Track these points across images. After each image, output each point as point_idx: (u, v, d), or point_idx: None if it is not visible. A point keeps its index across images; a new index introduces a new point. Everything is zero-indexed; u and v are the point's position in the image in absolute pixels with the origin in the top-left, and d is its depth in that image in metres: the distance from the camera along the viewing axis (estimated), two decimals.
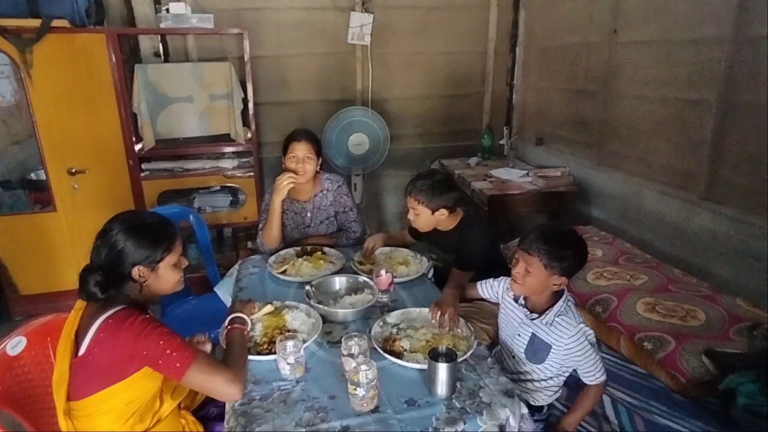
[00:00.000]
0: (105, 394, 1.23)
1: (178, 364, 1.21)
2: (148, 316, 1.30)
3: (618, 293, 2.19)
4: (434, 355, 1.36)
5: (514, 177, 3.50)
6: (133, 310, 1.26)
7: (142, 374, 1.24)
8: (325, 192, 2.38)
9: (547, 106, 3.87)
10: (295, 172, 2.18)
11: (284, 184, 2.14)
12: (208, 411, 1.55)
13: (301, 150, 2.21)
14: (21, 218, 3.10)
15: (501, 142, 4.17)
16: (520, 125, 4.21)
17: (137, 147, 3.19)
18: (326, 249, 2.22)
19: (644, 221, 2.88)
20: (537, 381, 1.67)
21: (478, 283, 1.84)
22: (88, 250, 1.33)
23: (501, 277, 1.79)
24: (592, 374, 1.55)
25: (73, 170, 3.08)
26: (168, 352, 1.21)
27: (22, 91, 2.91)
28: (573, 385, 1.71)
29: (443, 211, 2.02)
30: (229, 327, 1.48)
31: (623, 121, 3.04)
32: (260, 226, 2.32)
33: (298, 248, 2.24)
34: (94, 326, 1.22)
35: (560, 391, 1.71)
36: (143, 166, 3.27)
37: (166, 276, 1.38)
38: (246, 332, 1.50)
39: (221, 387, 1.26)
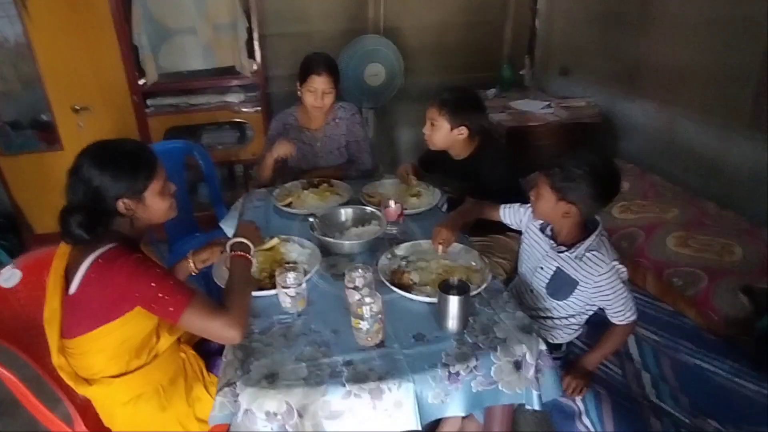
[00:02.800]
0: (98, 333, 1.16)
1: (171, 308, 1.13)
2: (140, 255, 1.20)
3: (646, 227, 2.04)
4: (445, 288, 1.26)
5: (535, 108, 3.28)
6: (124, 249, 1.16)
7: (135, 313, 1.16)
8: (337, 121, 2.24)
9: (574, 33, 3.57)
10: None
11: (281, 153, 2.02)
12: (209, 344, 1.49)
13: (321, 83, 2.06)
14: (30, 158, 3.06)
15: (522, 72, 3.89)
16: (544, 55, 3.91)
17: (140, 82, 3.06)
18: (333, 181, 2.10)
19: (677, 154, 2.67)
20: (557, 318, 1.56)
21: (502, 206, 1.69)
22: None
23: (528, 204, 1.65)
24: (622, 314, 1.43)
25: (78, 108, 3.00)
26: (160, 295, 1.12)
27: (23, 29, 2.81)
28: (594, 322, 1.60)
29: (462, 130, 1.85)
30: (232, 254, 1.36)
31: (659, 46, 2.77)
32: (263, 152, 2.20)
33: (305, 180, 2.13)
34: (84, 265, 1.13)
35: (581, 329, 1.61)
36: (148, 102, 3.14)
37: (153, 205, 1.27)
38: (250, 261, 1.39)
39: (219, 331, 1.16)
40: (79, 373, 1.22)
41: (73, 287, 1.13)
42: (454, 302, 1.21)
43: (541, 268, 1.54)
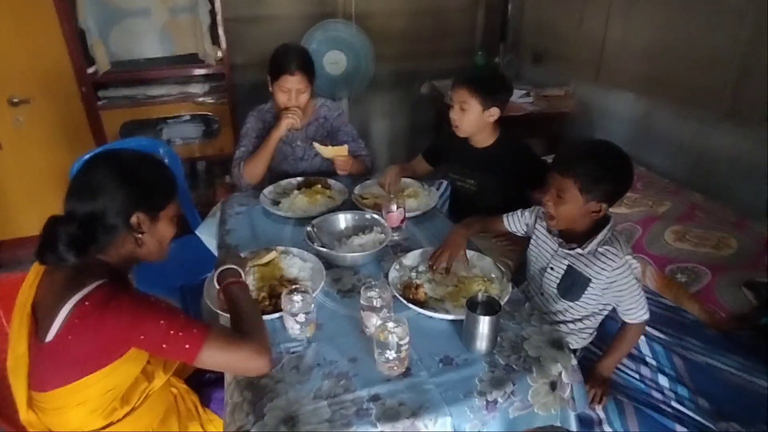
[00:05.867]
0: (80, 384, 0.97)
1: (187, 346, 0.96)
2: (134, 290, 1.04)
3: (642, 222, 2.01)
4: (472, 305, 1.15)
5: (514, 97, 3.18)
6: (113, 286, 0.98)
7: (126, 358, 0.99)
8: (321, 121, 2.08)
9: (546, 17, 3.51)
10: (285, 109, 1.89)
11: (288, 125, 1.87)
12: (202, 376, 1.33)
13: (294, 83, 1.89)
14: None
15: (496, 60, 3.82)
16: (516, 41, 3.86)
17: (90, 71, 2.76)
18: (330, 181, 1.95)
19: (656, 144, 2.67)
20: (570, 322, 1.50)
21: (505, 215, 1.62)
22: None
23: (532, 207, 1.57)
24: (634, 311, 1.38)
25: (15, 100, 2.69)
26: (172, 333, 0.95)
27: None
28: (604, 325, 1.56)
29: (494, 112, 1.74)
30: (224, 284, 1.19)
31: (634, 32, 2.74)
32: (238, 154, 2.00)
33: (300, 179, 1.97)
34: (65, 309, 0.93)
35: (594, 332, 1.56)
36: (99, 93, 2.85)
37: (163, 230, 1.11)
38: (246, 285, 1.23)
39: (246, 363, 1.00)
40: (54, 429, 1.04)
41: (51, 334, 0.94)
42: (485, 323, 1.11)
43: (552, 268, 1.47)
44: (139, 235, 1.06)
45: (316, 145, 1.92)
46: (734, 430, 1.34)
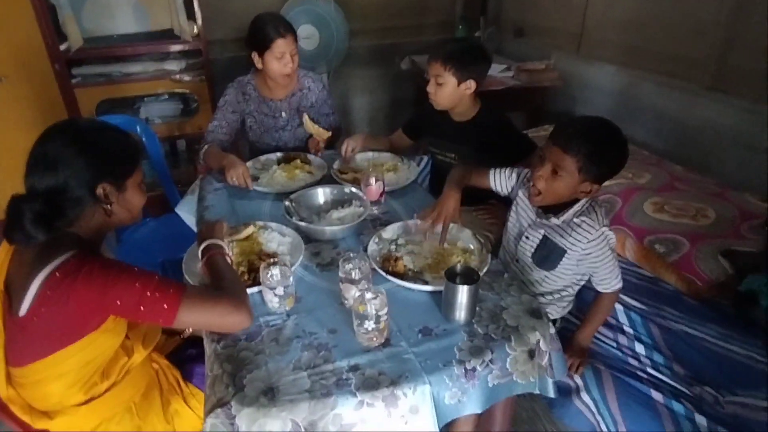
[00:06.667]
0: (55, 357, 0.96)
1: (165, 306, 0.95)
2: (105, 258, 1.01)
3: (622, 193, 2.02)
4: (451, 276, 1.16)
5: (494, 72, 3.18)
6: (84, 255, 0.96)
7: (102, 330, 0.97)
8: (305, 91, 2.06)
9: None
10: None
11: (228, 177, 1.74)
12: (185, 352, 1.32)
13: (288, 45, 1.85)
14: None
15: (477, 34, 3.78)
16: (497, 15, 3.82)
17: (62, 47, 2.67)
18: (310, 156, 1.93)
19: (638, 116, 2.68)
20: (549, 293, 1.51)
21: (492, 170, 1.57)
22: (20, 172, 1.00)
23: (520, 168, 1.54)
24: (608, 281, 1.40)
25: None
26: (149, 294, 0.94)
27: None
28: (581, 295, 1.58)
29: (470, 85, 1.72)
30: (207, 256, 1.18)
31: (616, 2, 2.72)
32: (210, 127, 1.98)
33: (280, 154, 1.95)
34: (37, 281, 0.91)
35: (572, 302, 1.57)
36: (73, 71, 2.78)
37: (132, 199, 1.09)
38: (229, 257, 1.22)
39: (226, 317, 1.01)
40: (35, 405, 1.03)
41: (23, 309, 0.92)
42: (463, 292, 1.11)
43: (527, 237, 1.47)
44: (108, 206, 1.04)
45: (305, 117, 1.92)
46: (708, 393, 1.38)
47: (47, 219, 0.95)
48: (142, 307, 0.94)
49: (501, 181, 1.56)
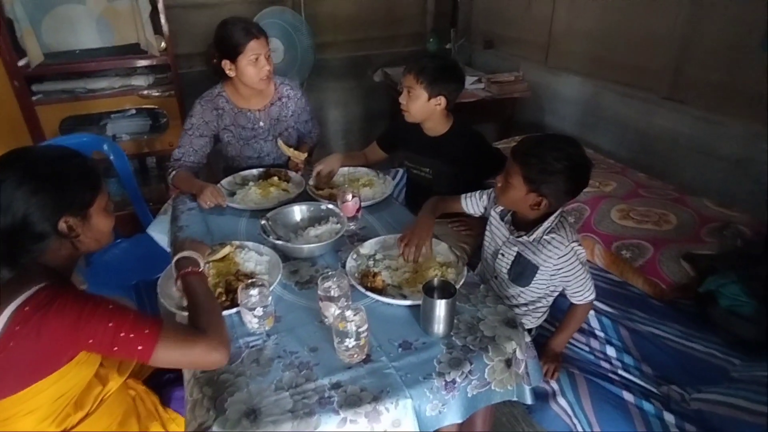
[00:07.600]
0: (27, 393, 0.94)
1: (140, 347, 0.93)
2: (78, 291, 0.99)
3: (590, 202, 2.09)
4: (429, 290, 1.18)
5: (466, 84, 3.22)
6: (55, 288, 0.93)
7: (76, 362, 0.96)
8: (284, 100, 2.04)
9: (496, 2, 3.57)
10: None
11: (209, 206, 1.73)
12: (162, 376, 1.30)
13: (262, 46, 1.81)
14: None
15: (447, 46, 3.85)
16: (467, 26, 3.90)
17: (21, 63, 2.60)
18: (291, 174, 1.93)
19: (603, 126, 2.78)
20: (523, 305, 1.56)
21: (463, 196, 1.64)
22: None
23: (490, 189, 1.60)
24: (581, 293, 1.45)
25: None
26: (123, 335, 0.92)
27: None
28: (556, 302, 1.63)
29: (440, 101, 1.75)
30: (182, 273, 1.17)
31: (579, 13, 2.82)
32: (175, 155, 1.92)
33: (261, 170, 1.94)
34: (4, 317, 0.89)
35: (547, 311, 1.62)
36: (34, 88, 2.70)
37: (99, 224, 1.05)
38: (204, 275, 1.21)
39: (202, 357, 0.99)
40: None
41: None
42: (441, 306, 1.13)
43: (502, 254, 1.52)
44: (75, 237, 1.02)
45: (280, 142, 1.93)
46: (674, 392, 1.44)
47: (10, 257, 0.92)
48: (116, 348, 0.93)
49: (473, 204, 1.63)
